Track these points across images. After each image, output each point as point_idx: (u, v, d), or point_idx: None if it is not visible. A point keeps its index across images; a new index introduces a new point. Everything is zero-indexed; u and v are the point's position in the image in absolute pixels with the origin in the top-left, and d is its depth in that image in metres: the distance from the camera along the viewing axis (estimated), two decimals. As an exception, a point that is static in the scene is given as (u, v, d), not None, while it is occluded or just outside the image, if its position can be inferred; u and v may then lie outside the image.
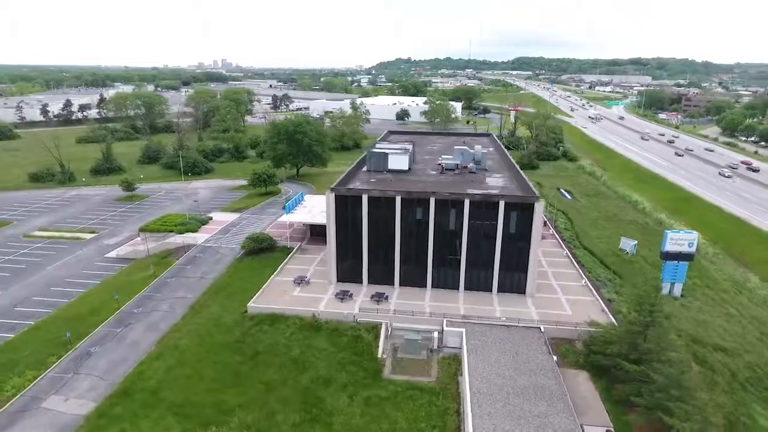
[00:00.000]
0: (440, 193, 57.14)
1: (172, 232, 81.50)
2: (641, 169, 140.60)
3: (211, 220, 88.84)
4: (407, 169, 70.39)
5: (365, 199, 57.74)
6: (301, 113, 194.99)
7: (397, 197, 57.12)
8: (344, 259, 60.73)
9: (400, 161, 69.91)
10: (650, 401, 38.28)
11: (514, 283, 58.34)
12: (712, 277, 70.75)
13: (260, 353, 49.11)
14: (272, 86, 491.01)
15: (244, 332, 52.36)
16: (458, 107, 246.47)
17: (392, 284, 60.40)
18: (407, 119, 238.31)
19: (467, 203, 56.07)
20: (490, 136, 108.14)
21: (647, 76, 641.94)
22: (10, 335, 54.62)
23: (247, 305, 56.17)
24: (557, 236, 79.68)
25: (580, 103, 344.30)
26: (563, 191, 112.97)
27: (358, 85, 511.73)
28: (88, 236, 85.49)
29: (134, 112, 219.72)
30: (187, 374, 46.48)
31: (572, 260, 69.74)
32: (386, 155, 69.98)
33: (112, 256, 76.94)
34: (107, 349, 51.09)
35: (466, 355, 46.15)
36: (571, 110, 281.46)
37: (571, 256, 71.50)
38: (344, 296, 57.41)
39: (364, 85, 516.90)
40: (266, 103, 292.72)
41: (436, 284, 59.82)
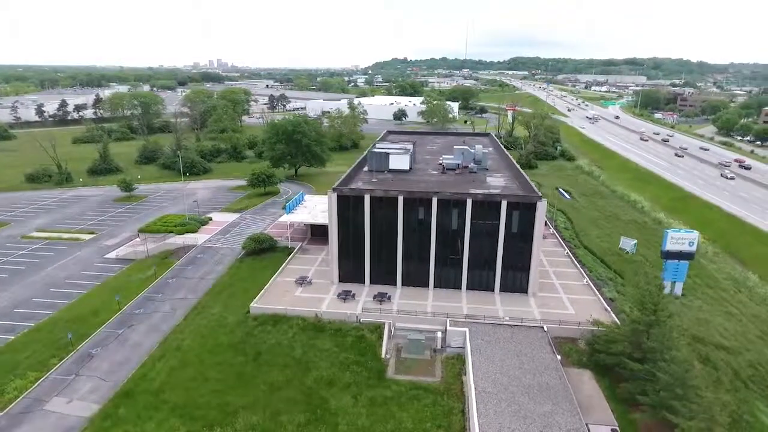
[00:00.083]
0: (442, 192, 57.19)
1: (171, 232, 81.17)
2: (639, 168, 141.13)
3: (210, 220, 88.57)
4: (408, 169, 70.42)
5: (367, 199, 57.71)
6: (298, 113, 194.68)
7: (399, 197, 57.11)
8: (346, 259, 60.66)
9: (401, 161, 69.91)
10: (655, 400, 38.39)
11: (516, 282, 58.45)
12: (711, 275, 71.13)
13: (263, 354, 48.97)
14: (268, 86, 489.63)
15: (246, 333, 52.21)
16: (455, 107, 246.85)
17: (394, 284, 60.39)
18: (404, 119, 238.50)
19: (469, 203, 56.14)
20: (489, 135, 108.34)
21: (642, 76, 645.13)
22: (10, 337, 54.21)
23: (249, 306, 56.01)
24: (557, 236, 79.92)
25: (575, 102, 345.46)
26: (562, 191, 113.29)
27: (354, 85, 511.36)
28: (87, 237, 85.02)
29: (131, 112, 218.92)
30: (190, 375, 46.29)
31: (573, 259, 69.94)
32: (387, 155, 69.96)
33: (111, 257, 76.54)
34: (109, 350, 50.83)
35: (470, 354, 46.17)
36: (568, 110, 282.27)
37: (571, 255, 71.72)
38: (346, 296, 57.35)
39: (360, 85, 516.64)
40: (263, 103, 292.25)
41: (438, 284, 59.85)
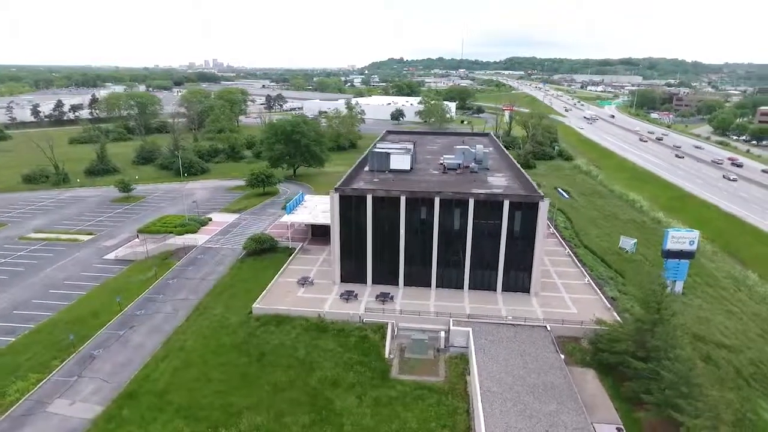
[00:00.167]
0: (445, 192, 57.18)
1: (171, 233, 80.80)
2: (636, 168, 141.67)
3: (210, 221, 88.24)
4: (409, 168, 70.38)
5: (369, 199, 57.64)
6: (295, 113, 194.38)
7: (401, 197, 57.07)
8: (348, 259, 60.56)
9: (402, 161, 69.88)
10: (660, 398, 38.48)
11: (518, 282, 58.52)
12: (711, 274, 71.49)
13: (267, 354, 48.82)
14: (265, 86, 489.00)
15: (249, 333, 52.04)
16: (452, 107, 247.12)
17: (396, 284, 60.34)
18: (402, 119, 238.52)
19: (472, 203, 56.16)
20: (488, 135, 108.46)
21: (638, 75, 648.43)
22: (10, 338, 53.83)
23: (251, 306, 55.84)
24: (558, 235, 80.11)
25: (572, 102, 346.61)
26: (560, 190, 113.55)
27: (351, 85, 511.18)
28: (85, 238, 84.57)
29: (127, 112, 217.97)
30: (194, 376, 46.09)
31: (574, 259, 70.12)
32: (388, 155, 69.92)
33: (110, 258, 76.16)
34: (111, 351, 50.54)
35: (473, 354, 46.17)
36: (565, 110, 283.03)
37: (572, 254, 71.90)
38: (349, 296, 57.27)
39: (357, 85, 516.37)
40: (260, 103, 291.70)
41: (440, 284, 59.85)
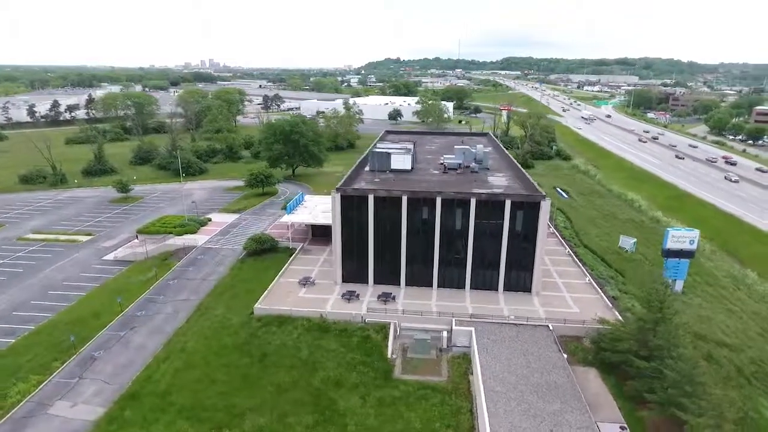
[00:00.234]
0: (446, 192, 57.18)
1: (170, 233, 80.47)
2: (634, 167, 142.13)
3: (209, 221, 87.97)
4: (410, 168, 70.35)
5: (371, 199, 57.59)
6: (292, 113, 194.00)
7: (403, 197, 57.04)
8: (349, 259, 60.48)
9: (402, 161, 69.86)
10: (663, 397, 38.60)
11: (520, 281, 58.58)
12: (710, 273, 71.76)
13: (269, 355, 48.70)
14: (261, 86, 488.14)
15: (251, 334, 51.91)
16: (450, 107, 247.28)
17: (398, 284, 60.30)
18: (400, 119, 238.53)
19: (473, 202, 56.19)
20: (487, 135, 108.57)
21: (634, 75, 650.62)
22: (10, 340, 53.46)
23: (253, 307, 55.68)
24: (558, 235, 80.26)
25: (568, 102, 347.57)
26: (559, 190, 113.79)
27: (348, 85, 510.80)
28: (84, 239, 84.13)
29: (124, 112, 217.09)
30: (196, 377, 45.93)
31: (574, 258, 70.27)
32: (389, 155, 69.89)
33: (110, 258, 75.80)
34: (112, 353, 50.30)
35: (477, 354, 46.19)
36: (563, 110, 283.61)
37: (572, 254, 72.05)
38: (351, 297, 57.20)
39: (354, 85, 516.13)
40: (257, 103, 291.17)
41: (441, 283, 59.85)
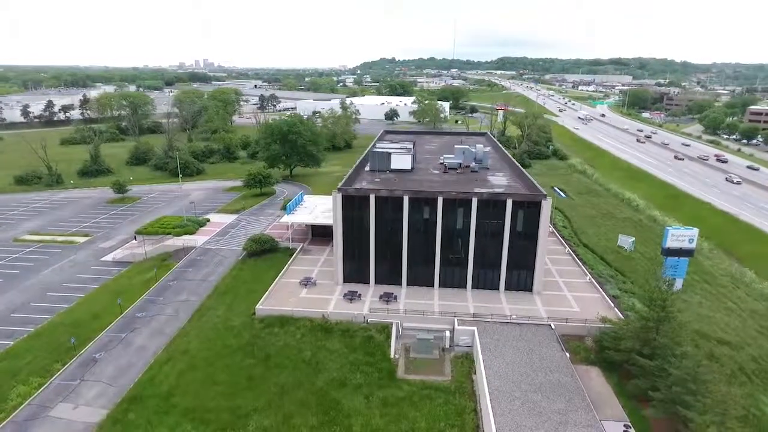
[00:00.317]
0: (448, 192, 57.23)
1: (169, 234, 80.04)
2: (631, 167, 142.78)
3: (208, 221, 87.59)
4: (410, 168, 70.36)
5: (372, 199, 57.54)
6: (288, 113, 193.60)
7: (404, 197, 57.03)
8: (351, 259, 60.40)
9: (403, 161, 69.86)
10: (667, 395, 38.78)
11: (521, 280, 58.71)
12: (708, 272, 72.19)
13: (272, 356, 48.55)
14: (257, 86, 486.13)
15: (254, 335, 51.73)
16: (446, 107, 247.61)
17: (399, 284, 60.28)
18: (396, 119, 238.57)
19: (475, 202, 56.26)
20: (485, 135, 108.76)
21: (628, 75, 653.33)
22: (9, 342, 53.09)
23: (254, 307, 55.50)
24: (557, 234, 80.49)
25: (563, 101, 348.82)
26: (557, 189, 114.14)
27: (343, 85, 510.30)
28: (81, 240, 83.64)
29: (119, 112, 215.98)
30: (199, 379, 45.74)
31: (574, 257, 70.49)
32: (389, 155, 69.85)
33: (108, 259, 75.40)
34: (113, 354, 49.99)
35: (480, 353, 46.24)
36: (559, 111, 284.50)
37: (572, 253, 72.28)
38: (353, 297, 57.12)
39: (349, 85, 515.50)
40: (253, 103, 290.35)
41: (443, 283, 59.89)
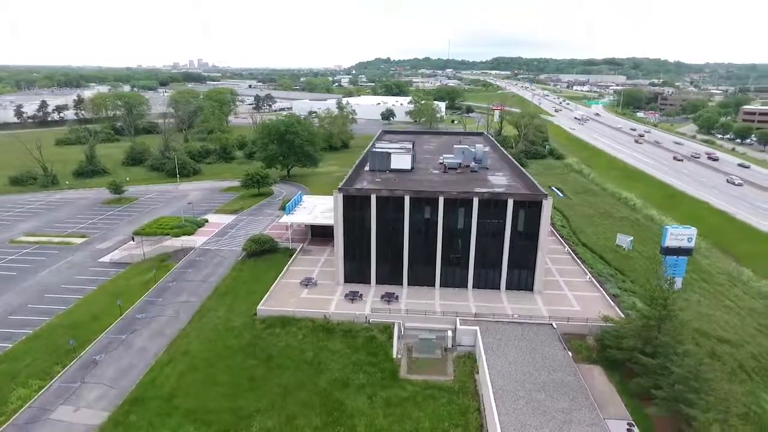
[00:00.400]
0: (449, 192, 57.25)
1: (167, 235, 79.59)
2: (627, 166, 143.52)
3: (207, 222, 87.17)
4: (410, 168, 70.32)
5: (374, 199, 57.45)
6: (284, 113, 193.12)
7: (406, 197, 56.99)
8: (351, 259, 60.30)
9: (402, 161, 69.83)
10: (670, 393, 38.94)
11: (522, 280, 58.81)
12: (706, 270, 72.66)
13: (274, 357, 48.38)
14: (251, 86, 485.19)
15: (255, 335, 51.53)
16: (442, 107, 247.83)
17: (400, 284, 60.24)
18: (392, 119, 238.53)
19: (476, 202, 56.30)
20: (483, 134, 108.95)
21: (622, 75, 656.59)
22: (7, 345, 52.57)
23: (255, 308, 55.29)
24: (556, 233, 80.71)
25: (558, 101, 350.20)
26: (555, 189, 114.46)
27: (339, 85, 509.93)
28: (78, 241, 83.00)
29: (114, 113, 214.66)
30: (200, 380, 45.49)
31: (574, 257, 70.70)
32: (389, 155, 69.80)
33: (106, 260, 74.85)
34: (114, 356, 49.63)
35: (483, 353, 46.25)
36: (555, 111, 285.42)
37: (572, 252, 72.50)
38: (354, 297, 57.02)
39: (345, 85, 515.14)
40: (248, 103, 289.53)
41: (444, 283, 59.91)
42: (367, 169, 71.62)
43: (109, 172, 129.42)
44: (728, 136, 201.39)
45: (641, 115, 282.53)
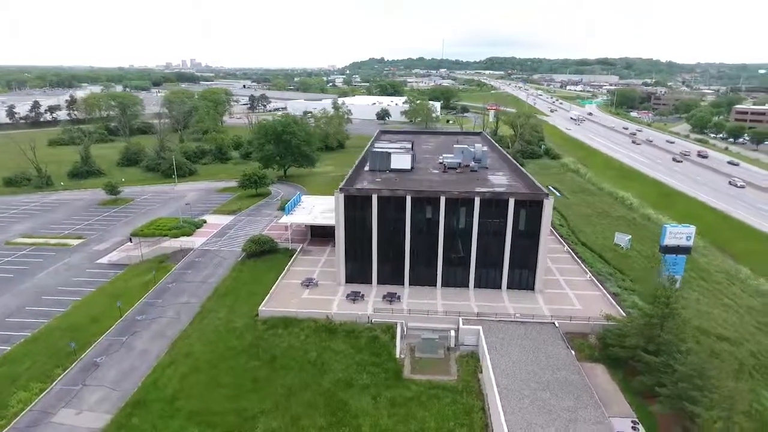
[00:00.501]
0: (451, 192, 57.28)
1: (165, 236, 79.09)
2: (623, 166, 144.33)
3: (205, 223, 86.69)
4: (410, 168, 70.31)
5: (375, 199, 57.38)
6: (279, 113, 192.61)
7: (407, 197, 56.97)
8: (353, 259, 60.20)
9: (402, 161, 69.81)
10: (674, 391, 39.16)
11: (523, 279, 58.97)
12: (704, 269, 73.15)
13: (277, 357, 48.18)
14: (246, 86, 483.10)
15: (257, 336, 51.29)
16: (438, 107, 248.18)
17: (402, 284, 60.21)
18: (388, 119, 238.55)
19: (477, 201, 56.38)
20: (481, 134, 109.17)
21: (615, 75, 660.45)
22: (6, 347, 52.05)
23: (257, 309, 55.04)
24: (555, 233, 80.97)
25: (551, 101, 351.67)
26: (552, 188, 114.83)
27: (333, 85, 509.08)
28: (75, 242, 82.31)
29: (107, 113, 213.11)
30: (203, 381, 45.23)
31: (573, 256, 70.98)
32: (389, 155, 69.75)
33: (104, 262, 74.29)
34: (114, 358, 49.24)
35: (486, 352, 46.31)
36: (550, 111, 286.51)
37: (571, 251, 72.79)
38: (356, 297, 56.92)
39: (339, 84, 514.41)
40: (243, 103, 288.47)
41: (445, 283, 59.94)
42: (366, 169, 71.52)
43: (104, 172, 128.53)
44: (721, 135, 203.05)
45: (635, 114, 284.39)
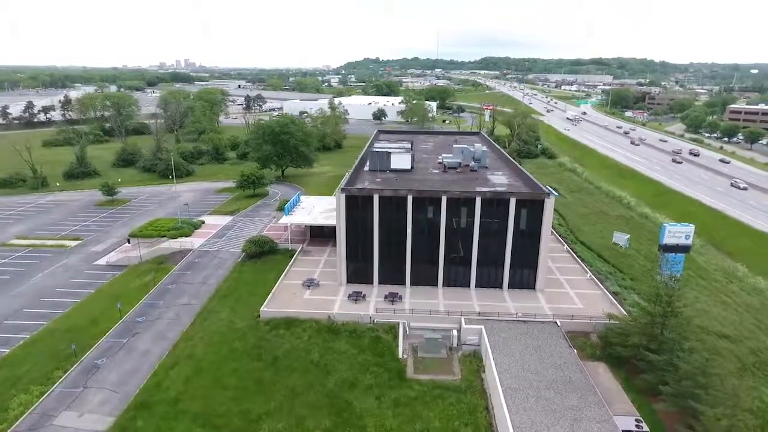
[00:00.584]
0: (452, 191, 57.34)
1: (164, 237, 78.68)
2: (619, 165, 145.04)
3: (203, 223, 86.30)
4: (410, 168, 70.31)
5: (376, 199, 57.33)
6: (275, 114, 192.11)
7: (408, 196, 56.96)
8: (354, 259, 60.12)
9: (402, 161, 69.81)
10: (677, 389, 39.39)
11: (524, 278, 59.13)
12: (702, 267, 73.61)
13: (280, 358, 48.00)
14: (241, 86, 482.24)
15: (259, 337, 51.09)
16: (434, 107, 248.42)
17: (403, 284, 60.19)
18: (384, 119, 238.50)
19: (479, 201, 56.46)
20: (479, 134, 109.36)
21: (609, 75, 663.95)
22: (5, 350, 51.55)
23: (259, 310, 54.84)
24: (554, 232, 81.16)
25: (546, 100, 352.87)
26: (549, 188, 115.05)
27: (329, 85, 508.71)
28: (72, 243, 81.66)
29: (102, 113, 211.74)
30: (207, 383, 44.98)
31: (573, 255, 71.25)
32: (389, 155, 69.73)
33: (102, 263, 73.75)
34: (116, 360, 48.90)
35: (489, 351, 46.36)
36: (546, 111, 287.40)
37: (571, 250, 73.05)
38: (357, 297, 56.85)
39: (334, 85, 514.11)
40: (238, 104, 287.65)
41: (447, 282, 59.98)
42: (366, 169, 71.44)
43: (100, 173, 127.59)
44: (715, 134, 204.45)
45: (629, 114, 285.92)
